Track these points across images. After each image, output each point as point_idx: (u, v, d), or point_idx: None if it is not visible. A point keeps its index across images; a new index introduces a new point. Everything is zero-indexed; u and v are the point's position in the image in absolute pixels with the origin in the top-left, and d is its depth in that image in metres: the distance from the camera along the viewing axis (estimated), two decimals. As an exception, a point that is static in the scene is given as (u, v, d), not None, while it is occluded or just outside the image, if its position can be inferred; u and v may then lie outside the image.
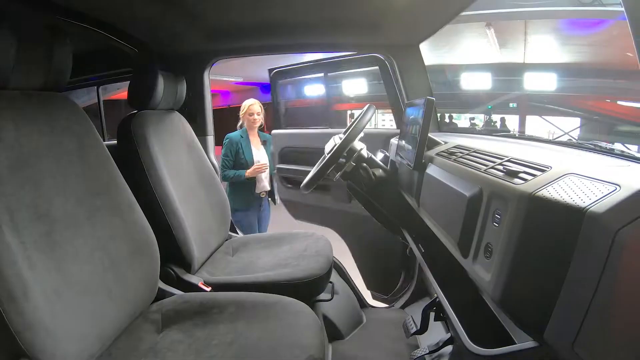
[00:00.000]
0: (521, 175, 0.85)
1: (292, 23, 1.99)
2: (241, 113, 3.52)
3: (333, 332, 1.99)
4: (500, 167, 0.94)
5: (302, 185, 1.75)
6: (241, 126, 3.54)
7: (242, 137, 3.44)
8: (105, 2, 1.67)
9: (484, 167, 1.00)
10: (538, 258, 0.73)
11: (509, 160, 0.99)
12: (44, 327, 1.00)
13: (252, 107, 3.48)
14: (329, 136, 1.86)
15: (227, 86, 11.61)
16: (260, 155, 3.50)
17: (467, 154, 1.19)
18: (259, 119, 3.51)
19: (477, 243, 0.92)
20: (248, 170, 3.32)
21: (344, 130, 1.90)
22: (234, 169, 3.38)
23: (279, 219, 3.68)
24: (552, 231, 0.70)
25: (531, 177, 0.82)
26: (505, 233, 0.79)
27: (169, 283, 1.72)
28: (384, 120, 11.99)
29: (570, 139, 10.24)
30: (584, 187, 0.71)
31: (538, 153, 1.20)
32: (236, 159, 3.41)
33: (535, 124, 11.18)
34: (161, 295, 1.58)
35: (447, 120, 11.50)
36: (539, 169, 0.85)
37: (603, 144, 1.26)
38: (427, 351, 1.65)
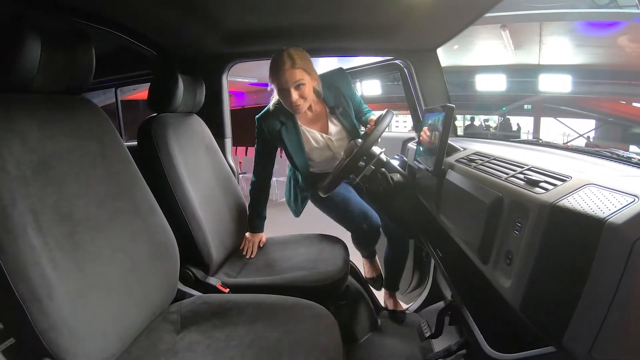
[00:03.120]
0: (542, 184, 0.86)
1: (309, 27, 1.99)
2: None
3: (347, 335, 2.00)
4: (521, 176, 0.95)
5: (320, 188, 1.76)
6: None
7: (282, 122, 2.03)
8: (126, 7, 1.69)
9: (505, 176, 1.01)
10: (558, 266, 0.74)
11: (529, 169, 1.00)
12: (67, 327, 1.02)
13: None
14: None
15: (241, 87, 11.58)
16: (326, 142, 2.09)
17: (487, 162, 1.20)
18: (303, 101, 1.90)
19: (498, 250, 0.93)
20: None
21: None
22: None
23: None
24: (572, 240, 0.72)
25: (552, 187, 0.83)
26: (526, 241, 0.80)
27: (187, 284, 1.74)
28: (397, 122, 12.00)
29: (586, 141, 10.18)
30: (604, 197, 0.72)
31: (556, 161, 1.21)
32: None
33: (550, 126, 11.11)
34: (180, 296, 1.59)
35: (467, 122, 11.47)
36: (559, 179, 0.86)
37: (620, 152, 1.26)
38: (442, 355, 1.66)
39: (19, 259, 0.97)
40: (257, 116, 2.08)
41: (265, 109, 2.08)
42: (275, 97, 2.00)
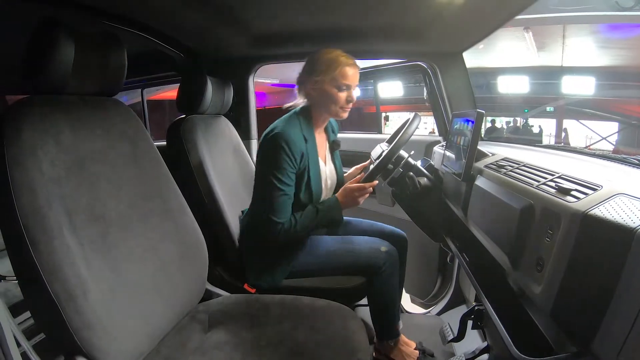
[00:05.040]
0: (573, 193, 0.86)
1: (336, 29, 1.99)
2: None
3: (370, 338, 2.00)
4: (552, 184, 0.96)
5: None
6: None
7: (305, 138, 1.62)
8: (156, 10, 1.73)
9: (536, 183, 1.01)
10: (589, 273, 0.75)
11: (560, 177, 1.01)
12: (101, 326, 1.04)
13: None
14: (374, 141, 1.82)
15: (263, 88, 11.58)
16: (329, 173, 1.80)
17: (517, 168, 1.20)
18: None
19: (529, 256, 0.94)
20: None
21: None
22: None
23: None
24: (602, 249, 0.73)
25: (583, 196, 0.84)
26: (558, 248, 0.81)
27: (215, 284, 1.76)
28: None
29: (609, 143, 10.00)
30: (634, 207, 0.74)
31: (584, 169, 1.21)
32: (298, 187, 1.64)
33: (573, 129, 10.95)
34: (207, 296, 1.61)
35: (488, 125, 11.36)
36: (591, 188, 0.87)
37: None
38: (464, 358, 1.66)
39: (54, 259, 0.99)
40: (278, 131, 1.55)
41: (287, 118, 1.64)
42: (297, 104, 1.70)
